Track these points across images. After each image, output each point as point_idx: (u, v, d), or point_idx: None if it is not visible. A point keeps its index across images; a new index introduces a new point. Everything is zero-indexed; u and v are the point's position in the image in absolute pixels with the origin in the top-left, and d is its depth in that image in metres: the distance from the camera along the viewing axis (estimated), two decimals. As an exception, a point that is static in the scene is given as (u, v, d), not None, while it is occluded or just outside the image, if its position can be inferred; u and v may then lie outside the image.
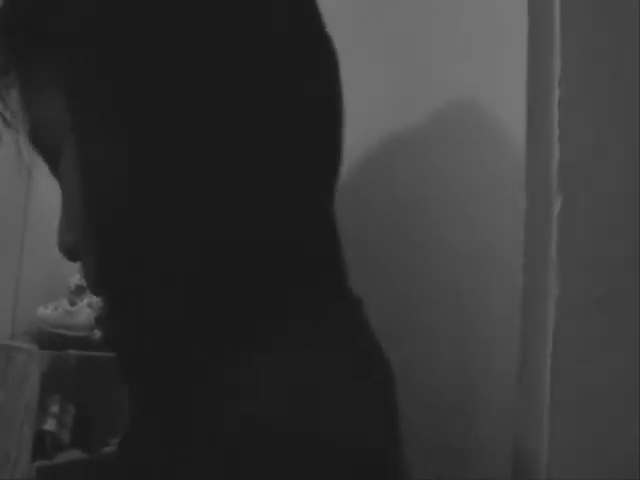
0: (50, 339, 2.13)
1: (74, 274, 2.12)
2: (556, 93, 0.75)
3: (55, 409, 2.10)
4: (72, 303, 2.19)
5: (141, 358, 0.56)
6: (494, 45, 0.82)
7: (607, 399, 0.73)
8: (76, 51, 0.54)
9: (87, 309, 2.19)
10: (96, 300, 1.97)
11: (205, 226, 0.52)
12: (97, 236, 0.54)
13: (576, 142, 0.76)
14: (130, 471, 0.58)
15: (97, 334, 2.17)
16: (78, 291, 2.19)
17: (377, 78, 0.96)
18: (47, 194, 2.24)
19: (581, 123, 0.76)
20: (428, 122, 0.89)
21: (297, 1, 0.58)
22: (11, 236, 2.23)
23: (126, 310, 0.55)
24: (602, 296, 0.73)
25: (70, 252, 0.59)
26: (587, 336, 0.73)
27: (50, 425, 2.07)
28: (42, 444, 2.06)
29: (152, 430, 0.57)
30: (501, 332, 0.75)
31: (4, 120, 0.60)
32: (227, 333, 0.54)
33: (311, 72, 0.57)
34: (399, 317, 0.87)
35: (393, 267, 0.89)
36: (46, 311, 2.17)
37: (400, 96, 0.93)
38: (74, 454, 2.08)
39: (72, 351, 2.13)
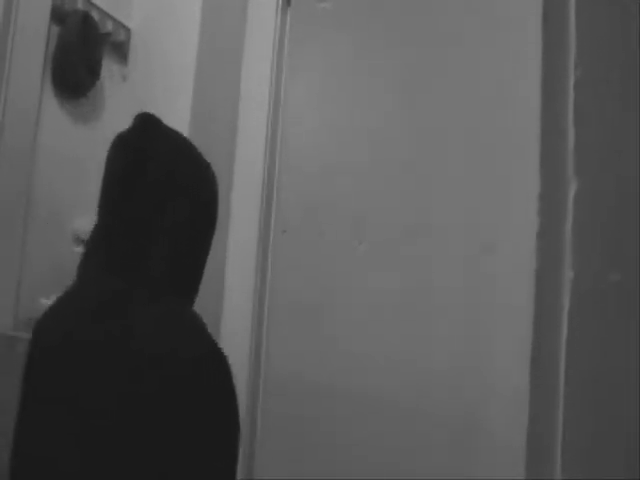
0: (52, 330, 2.12)
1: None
2: (572, 76, 0.74)
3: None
4: (75, 294, 2.18)
5: None
6: (509, 31, 0.81)
7: (623, 386, 0.72)
8: None
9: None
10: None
11: None
12: None
13: (592, 125, 0.75)
14: None
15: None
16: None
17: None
18: (50, 183, 2.23)
19: (597, 106, 0.75)
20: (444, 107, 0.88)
21: None
22: (13, 226, 2.22)
23: None
24: (617, 280, 0.73)
25: None
26: (602, 320, 0.72)
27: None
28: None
29: None
30: (515, 316, 0.75)
31: None
32: None
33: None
34: (410, 304, 0.86)
35: (408, 253, 0.88)
36: (49, 302, 2.16)
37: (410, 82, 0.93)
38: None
39: (75, 342, 2.12)
